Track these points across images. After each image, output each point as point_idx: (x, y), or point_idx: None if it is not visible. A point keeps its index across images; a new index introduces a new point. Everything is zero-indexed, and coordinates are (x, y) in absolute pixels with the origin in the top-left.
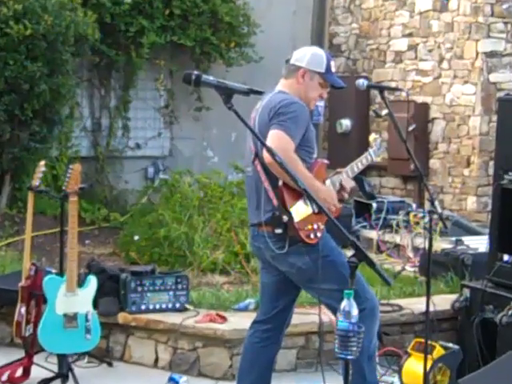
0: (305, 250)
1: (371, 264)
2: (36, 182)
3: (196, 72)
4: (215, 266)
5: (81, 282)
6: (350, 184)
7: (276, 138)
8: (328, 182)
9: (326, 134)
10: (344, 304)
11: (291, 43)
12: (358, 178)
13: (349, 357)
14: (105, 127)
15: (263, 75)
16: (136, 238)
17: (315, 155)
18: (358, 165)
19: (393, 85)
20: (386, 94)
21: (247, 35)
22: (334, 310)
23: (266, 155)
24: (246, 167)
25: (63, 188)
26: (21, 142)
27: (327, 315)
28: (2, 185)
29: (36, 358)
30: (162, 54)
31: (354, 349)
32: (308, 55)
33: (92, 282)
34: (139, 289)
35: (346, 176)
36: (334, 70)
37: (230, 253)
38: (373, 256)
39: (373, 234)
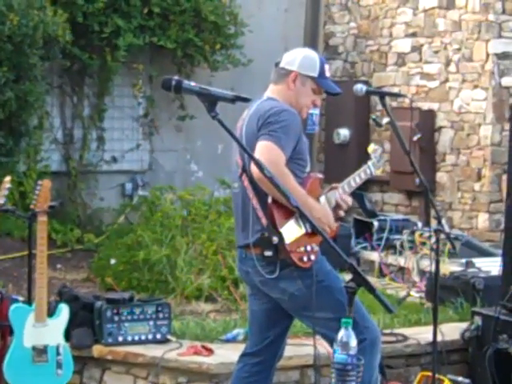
0: (297, 274)
1: (371, 289)
2: (1, 200)
3: (176, 77)
4: (200, 293)
5: (51, 312)
6: (347, 201)
7: (265, 149)
8: (323, 198)
9: (323, 144)
10: (341, 334)
11: (283, 44)
12: (358, 194)
13: None
14: (77, 139)
15: (252, 80)
16: (112, 261)
17: (308, 169)
18: (356, 179)
19: (395, 90)
20: (387, 100)
21: (234, 36)
22: (331, 341)
23: (254, 169)
24: (233, 183)
25: (31, 207)
26: None
27: (324, 346)
28: None
29: None
30: (141, 57)
31: (353, 383)
32: (299, 58)
33: (64, 311)
34: (116, 318)
35: (342, 192)
36: (328, 74)
37: (217, 278)
38: (374, 280)
39: (374, 256)
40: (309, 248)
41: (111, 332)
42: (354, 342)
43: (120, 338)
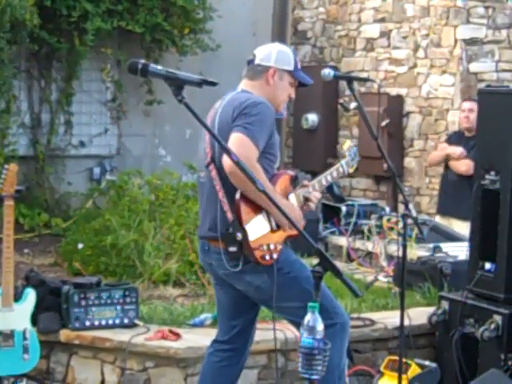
0: (262, 268)
1: (338, 274)
2: None
3: (143, 61)
4: (168, 278)
5: (18, 296)
6: (316, 196)
7: (238, 142)
8: (292, 196)
9: (291, 130)
10: (308, 318)
11: (251, 30)
12: None
13: (313, 376)
14: (45, 123)
15: (221, 65)
16: (80, 246)
17: (277, 165)
18: (328, 178)
19: (364, 75)
20: (355, 85)
21: (203, 20)
22: (299, 326)
23: (226, 162)
24: (200, 171)
25: None
26: None
27: (291, 331)
28: None
29: None
30: (109, 41)
31: (320, 368)
32: (274, 53)
33: (30, 295)
34: (83, 303)
35: (312, 190)
36: (299, 66)
37: (185, 262)
38: (342, 265)
39: (342, 241)
40: (272, 246)
41: (78, 317)
42: (320, 327)
43: (87, 323)
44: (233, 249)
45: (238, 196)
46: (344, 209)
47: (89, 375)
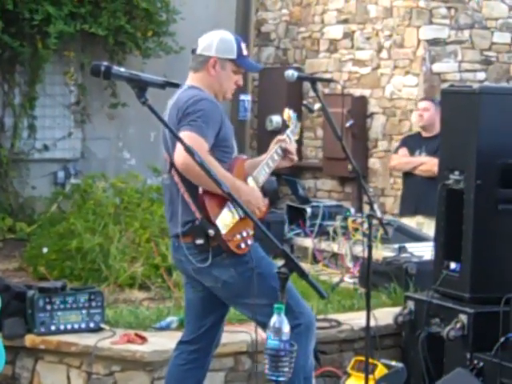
0: (230, 262)
1: (303, 275)
2: None
3: (105, 63)
4: (133, 281)
5: None
6: (292, 146)
7: (187, 139)
8: (250, 179)
9: (255, 131)
10: (274, 320)
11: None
12: (291, 181)
13: (280, 378)
14: (8, 127)
15: (184, 67)
16: (45, 250)
17: (234, 153)
18: (278, 151)
19: (327, 76)
20: (319, 86)
21: (166, 23)
22: (264, 325)
23: (177, 160)
24: (163, 173)
25: None
26: None
27: (258, 333)
28: None
29: None
30: (72, 44)
31: (286, 369)
32: (215, 42)
33: None
34: (48, 307)
35: (271, 162)
36: (245, 52)
37: (150, 266)
38: (308, 267)
39: (308, 243)
40: (244, 234)
41: (44, 321)
42: (286, 328)
43: (53, 327)
44: (200, 241)
45: (200, 191)
46: (309, 210)
47: (55, 380)
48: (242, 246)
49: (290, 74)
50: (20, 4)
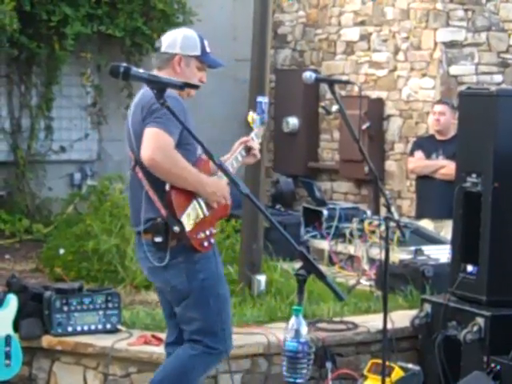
0: (184, 267)
1: (321, 277)
2: None
3: (124, 64)
4: (150, 283)
5: None
6: (256, 144)
7: (153, 136)
8: (215, 178)
9: (272, 133)
10: (292, 322)
11: (232, 33)
12: (307, 183)
13: (298, 380)
14: (25, 128)
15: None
16: (61, 251)
17: (199, 151)
18: (242, 152)
19: (344, 78)
20: (336, 88)
21: (183, 24)
22: (192, 341)
23: (144, 156)
24: (128, 171)
25: None
26: None
27: (275, 335)
28: None
29: None
30: (89, 45)
31: (304, 371)
32: (179, 39)
33: (12, 301)
34: (65, 308)
35: (231, 168)
36: (208, 49)
37: None
38: (325, 269)
39: (324, 245)
40: (208, 232)
41: (60, 322)
42: (304, 330)
43: (69, 329)
44: (158, 239)
45: (167, 188)
46: (325, 212)
47: (71, 381)
48: (205, 244)
49: (308, 75)
50: (37, 5)
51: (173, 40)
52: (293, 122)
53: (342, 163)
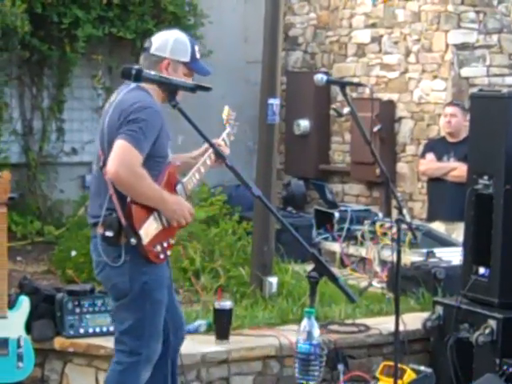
0: (128, 267)
1: (333, 279)
2: None
3: (136, 66)
4: None
5: (12, 304)
6: (226, 150)
7: (121, 150)
8: (179, 187)
9: (283, 135)
10: (304, 324)
11: (243, 35)
12: (319, 185)
13: (310, 382)
14: (37, 130)
15: (213, 70)
16: (73, 253)
17: (168, 160)
18: (212, 156)
19: (355, 81)
20: (347, 90)
21: (194, 27)
22: (121, 343)
23: (109, 170)
24: (93, 164)
25: None
26: None
27: (286, 337)
28: None
29: None
30: (100, 48)
31: (316, 373)
32: (170, 43)
33: (24, 303)
34: (77, 310)
35: (203, 168)
36: (198, 55)
37: (178, 269)
38: (336, 271)
39: (335, 247)
40: (165, 244)
41: (72, 324)
42: (316, 332)
43: (81, 330)
44: (109, 234)
45: (129, 199)
46: (337, 214)
47: (84, 383)
48: (161, 256)
49: (320, 77)
50: (48, 7)
51: (163, 43)
52: (304, 124)
53: (353, 165)
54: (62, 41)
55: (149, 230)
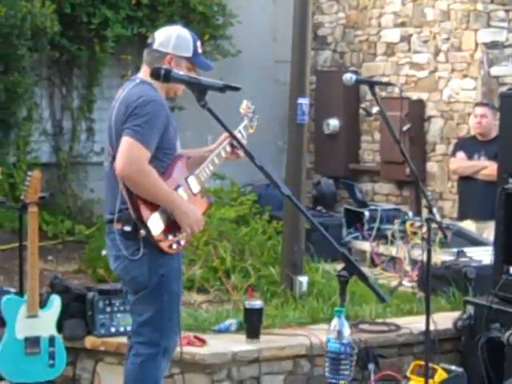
0: (147, 259)
1: (364, 278)
2: None
3: (165, 66)
4: (192, 284)
5: (43, 303)
6: (243, 141)
7: (127, 147)
8: (191, 179)
9: (312, 135)
10: (334, 323)
11: (272, 35)
12: (348, 184)
13: (341, 382)
14: (67, 130)
15: (241, 70)
16: (104, 252)
17: (177, 152)
18: (227, 148)
19: (384, 80)
20: (376, 89)
21: (223, 27)
22: (139, 335)
23: (117, 167)
24: (105, 160)
25: (21, 198)
26: None
27: (317, 337)
28: None
29: None
30: (129, 48)
31: (347, 372)
32: (173, 38)
33: (55, 302)
34: (108, 309)
35: (217, 160)
36: (200, 50)
37: (209, 268)
38: (366, 270)
39: (366, 246)
40: (178, 234)
41: (103, 323)
42: (347, 331)
43: (112, 329)
44: (127, 228)
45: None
46: (367, 213)
47: (115, 382)
48: (174, 246)
49: (349, 77)
50: (78, 8)
51: (166, 38)
52: (333, 123)
53: (383, 164)
54: (91, 41)
55: (158, 221)
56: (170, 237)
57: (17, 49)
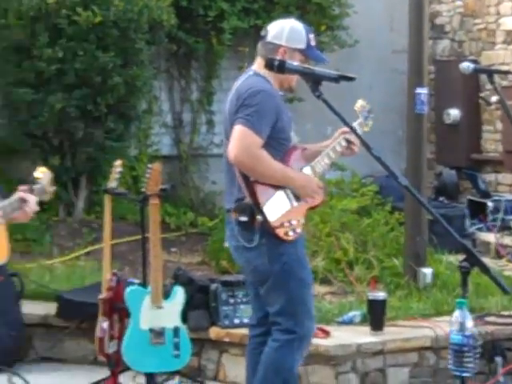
0: (266, 249)
1: (486, 270)
2: (112, 184)
3: (279, 57)
4: (315, 275)
5: (167, 294)
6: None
7: (240, 135)
8: (307, 169)
9: (433, 125)
10: (456, 315)
11: (388, 25)
12: (471, 175)
13: (464, 374)
14: (187, 122)
15: (358, 60)
16: (226, 244)
17: (292, 143)
18: (342, 143)
19: (504, 68)
20: (496, 78)
21: (339, 17)
22: (276, 324)
23: (230, 153)
24: (223, 152)
25: (142, 190)
26: (95, 140)
27: (442, 328)
28: (77, 188)
29: (122, 378)
30: (246, 39)
31: (471, 365)
32: (286, 31)
33: (179, 293)
34: (231, 301)
35: (339, 148)
36: (313, 43)
37: (331, 260)
38: (491, 262)
39: (490, 237)
40: (294, 222)
41: (227, 314)
42: (469, 323)
43: (236, 321)
44: (243, 218)
45: (251, 178)
46: (490, 204)
47: (240, 373)
48: (291, 233)
49: (466, 66)
50: (194, 1)
51: (280, 31)
52: (454, 113)
53: (506, 154)
54: (208, 33)
55: (275, 206)
56: (286, 224)
57: (135, 42)
